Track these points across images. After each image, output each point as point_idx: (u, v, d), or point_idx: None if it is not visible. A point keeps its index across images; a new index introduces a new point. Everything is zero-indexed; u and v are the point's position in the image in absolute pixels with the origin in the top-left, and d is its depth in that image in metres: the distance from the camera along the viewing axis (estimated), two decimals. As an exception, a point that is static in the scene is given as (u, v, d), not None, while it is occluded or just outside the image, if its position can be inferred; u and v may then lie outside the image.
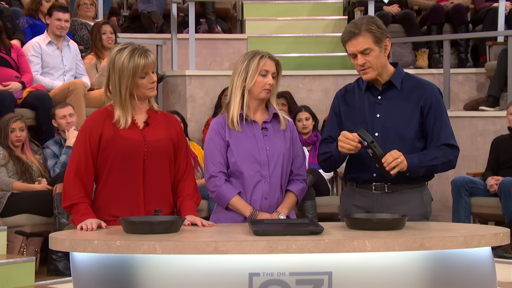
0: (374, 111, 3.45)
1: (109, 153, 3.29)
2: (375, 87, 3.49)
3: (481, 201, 6.29)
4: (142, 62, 3.25)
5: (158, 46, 7.78)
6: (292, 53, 8.36)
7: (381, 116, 3.43)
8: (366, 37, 3.36)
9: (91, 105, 6.44)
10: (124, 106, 3.30)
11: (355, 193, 3.53)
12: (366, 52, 3.37)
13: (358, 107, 3.49)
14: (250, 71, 3.47)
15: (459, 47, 8.34)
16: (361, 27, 3.36)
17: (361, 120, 3.45)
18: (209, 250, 2.81)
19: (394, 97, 3.46)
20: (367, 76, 3.43)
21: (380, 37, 3.38)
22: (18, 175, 5.64)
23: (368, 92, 3.49)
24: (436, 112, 3.42)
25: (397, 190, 3.45)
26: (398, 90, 3.46)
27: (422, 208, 3.47)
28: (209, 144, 3.52)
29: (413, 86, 3.47)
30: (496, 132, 7.00)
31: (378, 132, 3.42)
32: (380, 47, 3.39)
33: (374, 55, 3.38)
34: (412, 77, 3.53)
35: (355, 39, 3.37)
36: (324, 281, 2.91)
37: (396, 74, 3.47)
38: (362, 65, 3.39)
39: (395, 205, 3.41)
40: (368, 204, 3.46)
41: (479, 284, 3.03)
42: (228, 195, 3.46)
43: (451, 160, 3.43)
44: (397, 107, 3.43)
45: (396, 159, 3.25)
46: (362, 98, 3.49)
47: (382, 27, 3.41)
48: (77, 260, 2.98)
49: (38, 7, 7.16)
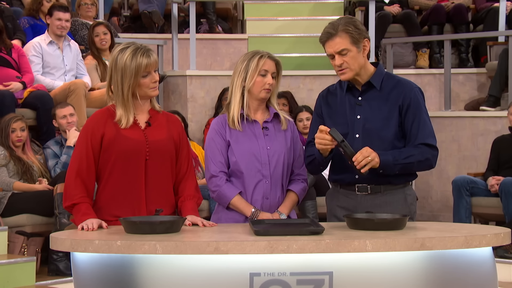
0: (355, 112, 3.44)
1: (111, 153, 3.29)
2: (355, 87, 3.48)
3: (482, 201, 6.29)
4: (144, 61, 3.26)
5: (158, 46, 7.78)
6: (293, 53, 8.37)
7: (361, 118, 3.43)
8: (343, 38, 3.35)
9: (91, 105, 6.44)
10: (126, 105, 3.30)
11: (339, 194, 3.53)
12: (343, 53, 3.37)
13: (339, 108, 3.49)
14: (249, 71, 3.47)
15: (460, 47, 8.34)
16: (338, 27, 3.36)
17: (342, 122, 3.45)
18: (210, 250, 2.81)
19: (373, 97, 3.45)
20: (344, 77, 3.42)
21: (358, 37, 3.37)
22: (18, 175, 5.64)
23: (349, 93, 3.49)
24: (414, 111, 3.40)
25: (380, 191, 3.44)
26: (377, 90, 3.45)
27: (405, 208, 3.46)
28: (210, 144, 3.52)
29: (392, 86, 3.46)
30: (497, 132, 7.00)
31: (359, 134, 3.42)
32: (358, 48, 3.38)
33: (351, 55, 3.37)
34: (392, 76, 3.52)
35: (332, 40, 3.37)
36: (325, 281, 2.91)
37: (376, 74, 3.46)
38: (339, 65, 3.39)
39: (378, 206, 3.41)
40: (352, 205, 3.46)
41: (480, 284, 3.03)
42: (229, 195, 3.46)
43: (428, 159, 3.39)
44: (377, 108, 3.43)
45: (366, 157, 3.24)
46: (343, 99, 3.49)
47: (360, 28, 3.40)
48: (78, 260, 2.98)
49: (39, 7, 7.15)
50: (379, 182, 3.41)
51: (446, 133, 7.33)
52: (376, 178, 3.38)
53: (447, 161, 7.28)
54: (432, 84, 7.93)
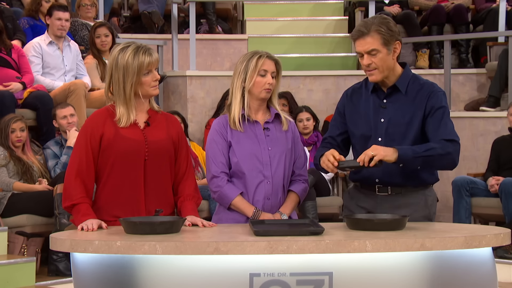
0: (379, 115, 3.41)
1: (110, 153, 3.29)
2: (381, 89, 3.45)
3: (482, 202, 6.28)
4: (146, 60, 3.26)
5: (158, 46, 7.77)
6: (293, 53, 8.36)
7: (385, 121, 3.40)
8: (375, 38, 3.32)
9: (91, 106, 6.43)
10: (128, 104, 3.30)
11: (360, 193, 3.52)
12: (372, 53, 3.33)
13: (363, 109, 3.45)
14: (249, 72, 3.47)
15: (460, 48, 8.34)
16: (371, 27, 3.32)
17: (364, 124, 3.42)
18: (210, 251, 2.81)
19: (398, 101, 3.41)
20: (372, 78, 3.39)
21: (389, 39, 3.34)
22: (18, 176, 5.64)
23: (374, 94, 3.46)
24: (437, 116, 3.36)
25: (401, 193, 3.43)
26: (403, 94, 3.41)
27: (426, 210, 3.44)
28: (211, 144, 3.52)
29: (417, 90, 3.42)
30: (497, 133, 7.00)
31: (381, 137, 3.39)
32: (388, 49, 3.35)
33: (381, 57, 3.34)
34: (417, 79, 3.48)
35: (363, 39, 3.33)
36: (325, 281, 2.91)
37: (403, 77, 3.42)
38: (367, 65, 3.36)
39: (398, 208, 3.40)
40: (371, 205, 3.45)
41: (480, 284, 3.03)
42: (230, 196, 3.46)
43: (449, 153, 3.30)
44: (401, 112, 3.39)
45: (367, 153, 3.21)
46: (367, 99, 3.46)
47: (393, 29, 3.36)
48: (77, 261, 2.98)
49: (38, 8, 7.15)
50: (400, 183, 3.39)
51: (446, 133, 7.32)
52: (398, 177, 3.36)
53: (447, 161, 7.27)
54: (432, 85, 7.92)
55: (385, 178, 3.39)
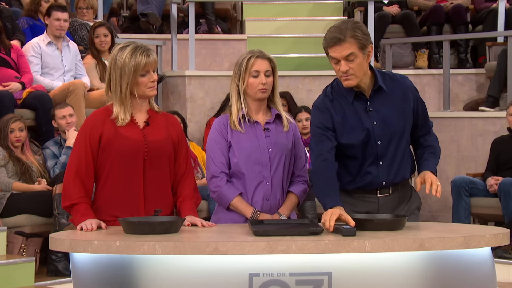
0: (370, 119, 3.37)
1: (109, 153, 3.29)
2: (362, 94, 3.38)
3: (481, 202, 6.29)
4: (143, 60, 3.26)
5: (158, 46, 7.78)
6: (292, 53, 8.37)
7: (378, 123, 3.36)
8: (351, 43, 3.25)
9: (91, 106, 6.43)
10: (124, 103, 3.30)
11: (353, 199, 3.44)
12: (350, 59, 3.26)
13: (351, 119, 3.38)
14: (241, 73, 3.47)
15: (459, 48, 8.34)
16: (347, 33, 3.24)
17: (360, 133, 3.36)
18: (209, 251, 2.81)
19: (384, 100, 3.38)
20: (348, 83, 3.32)
21: (365, 43, 3.28)
22: (18, 176, 5.64)
23: (355, 101, 3.38)
24: (422, 106, 3.48)
25: (398, 189, 3.45)
26: (386, 92, 3.39)
27: (417, 200, 3.53)
28: (211, 144, 3.52)
29: (393, 84, 3.41)
30: (496, 133, 7.00)
31: (380, 140, 3.36)
32: (364, 54, 3.29)
33: (358, 62, 3.27)
34: (384, 74, 3.45)
35: (340, 45, 3.25)
36: (324, 281, 2.91)
37: (379, 77, 3.38)
38: (345, 72, 3.29)
39: (398, 205, 3.44)
40: (373, 208, 3.42)
41: (479, 284, 3.03)
42: (229, 196, 3.46)
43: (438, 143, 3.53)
44: (392, 109, 3.38)
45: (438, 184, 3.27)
46: (350, 108, 3.38)
47: (367, 33, 3.32)
48: (77, 261, 2.98)
49: (37, 8, 7.15)
50: (398, 181, 3.44)
51: (445, 133, 7.33)
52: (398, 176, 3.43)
53: (446, 161, 7.28)
54: (431, 85, 7.93)
55: (390, 179, 3.40)
